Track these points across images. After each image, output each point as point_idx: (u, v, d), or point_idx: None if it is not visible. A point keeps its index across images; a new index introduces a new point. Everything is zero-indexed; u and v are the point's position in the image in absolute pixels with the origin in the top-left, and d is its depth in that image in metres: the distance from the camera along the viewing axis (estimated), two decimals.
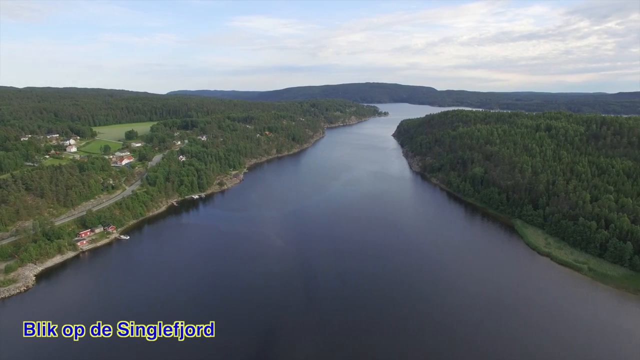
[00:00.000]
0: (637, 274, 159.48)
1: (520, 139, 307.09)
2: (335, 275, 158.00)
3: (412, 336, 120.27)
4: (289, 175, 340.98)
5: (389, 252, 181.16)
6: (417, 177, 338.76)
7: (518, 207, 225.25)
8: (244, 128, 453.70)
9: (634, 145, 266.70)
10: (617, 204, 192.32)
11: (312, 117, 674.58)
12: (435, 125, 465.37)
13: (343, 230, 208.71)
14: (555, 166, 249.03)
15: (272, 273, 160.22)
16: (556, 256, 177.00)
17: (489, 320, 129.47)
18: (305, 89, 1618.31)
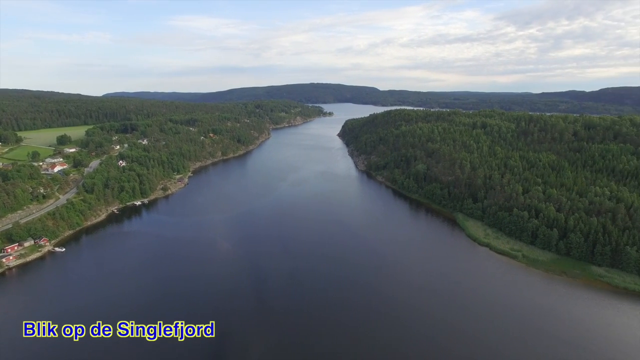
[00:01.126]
0: (562, 257, 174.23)
1: (459, 137, 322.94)
2: (285, 276, 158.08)
3: (364, 331, 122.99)
4: (235, 178, 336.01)
5: (338, 250, 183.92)
6: (363, 175, 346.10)
7: (459, 201, 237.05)
8: (187, 131, 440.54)
9: (557, 140, 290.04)
10: (545, 194, 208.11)
11: (257, 118, 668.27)
12: (379, 124, 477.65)
13: (292, 230, 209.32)
14: (491, 161, 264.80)
15: (221, 277, 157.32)
16: (494, 246, 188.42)
17: (436, 310, 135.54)
18: (249, 90, 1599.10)
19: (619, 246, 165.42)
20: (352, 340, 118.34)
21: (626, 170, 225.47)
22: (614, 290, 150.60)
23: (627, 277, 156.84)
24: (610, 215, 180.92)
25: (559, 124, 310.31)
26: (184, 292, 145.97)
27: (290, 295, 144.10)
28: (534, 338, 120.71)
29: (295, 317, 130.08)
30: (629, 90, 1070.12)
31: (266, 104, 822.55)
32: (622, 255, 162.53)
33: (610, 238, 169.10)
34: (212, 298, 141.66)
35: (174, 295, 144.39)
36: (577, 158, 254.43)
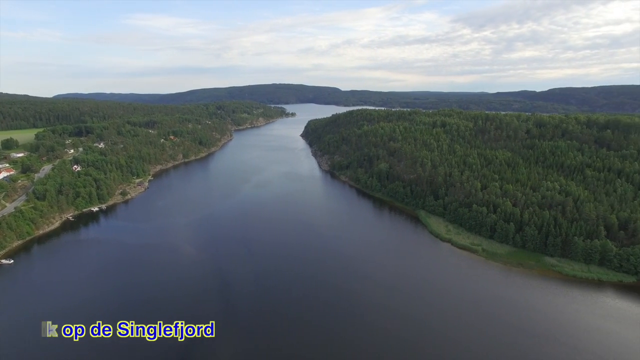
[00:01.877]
0: (518, 250, 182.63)
1: (420, 135, 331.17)
2: (252, 278, 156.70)
3: (332, 329, 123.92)
4: (198, 180, 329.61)
5: (304, 251, 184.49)
6: (326, 175, 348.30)
7: (421, 198, 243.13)
8: (146, 133, 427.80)
9: (511, 138, 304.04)
10: (502, 190, 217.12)
11: (219, 119, 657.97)
12: (341, 124, 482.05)
13: (257, 232, 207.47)
14: (450, 159, 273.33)
15: (185, 282, 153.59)
16: (456, 241, 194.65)
17: (402, 305, 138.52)
18: (210, 90, 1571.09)
19: (568, 237, 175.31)
20: (321, 340, 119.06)
21: (573, 165, 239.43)
22: (565, 278, 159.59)
23: (576, 266, 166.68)
24: (560, 208, 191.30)
25: (513, 123, 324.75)
26: (146, 299, 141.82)
27: (257, 297, 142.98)
28: (495, 328, 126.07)
29: (262, 319, 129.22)
30: (574, 90, 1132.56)
31: (228, 105, 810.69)
32: (571, 245, 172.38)
33: (561, 229, 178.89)
34: (176, 303, 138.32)
35: (135, 302, 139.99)
36: (530, 155, 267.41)
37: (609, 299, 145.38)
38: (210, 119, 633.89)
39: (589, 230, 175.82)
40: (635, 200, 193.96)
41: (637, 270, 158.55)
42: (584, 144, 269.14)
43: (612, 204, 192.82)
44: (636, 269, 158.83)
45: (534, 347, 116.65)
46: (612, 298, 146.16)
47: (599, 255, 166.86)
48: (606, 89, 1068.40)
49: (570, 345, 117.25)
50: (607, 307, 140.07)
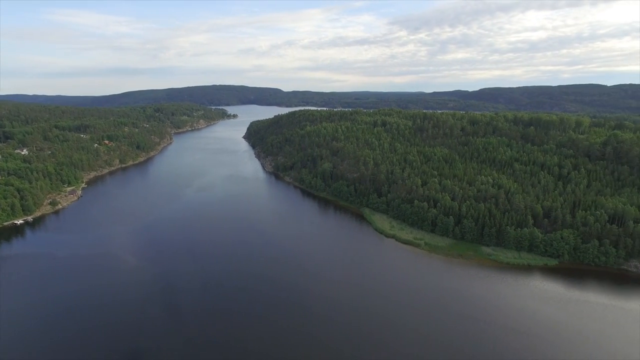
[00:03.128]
0: (458, 242, 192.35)
1: (362, 135, 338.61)
2: (199, 286, 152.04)
3: (284, 329, 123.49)
4: (137, 186, 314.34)
5: (252, 254, 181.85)
6: (271, 176, 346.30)
7: (365, 196, 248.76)
8: (77, 138, 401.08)
9: (448, 135, 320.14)
10: (441, 185, 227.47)
11: (158, 122, 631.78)
12: (284, 125, 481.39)
13: (202, 238, 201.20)
14: (392, 157, 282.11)
15: (125, 295, 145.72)
16: (399, 236, 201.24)
17: (351, 299, 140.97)
18: (147, 92, 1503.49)
19: (502, 227, 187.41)
20: (273, 341, 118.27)
21: (503, 160, 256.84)
22: (500, 265, 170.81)
23: (509, 253, 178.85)
24: (494, 201, 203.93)
25: (449, 121, 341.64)
26: (82, 318, 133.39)
27: (205, 307, 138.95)
28: (441, 316, 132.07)
29: (211, 329, 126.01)
30: (502, 90, 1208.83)
31: (167, 108, 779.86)
32: (504, 235, 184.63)
33: (495, 220, 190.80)
34: (119, 315, 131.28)
35: (64, 322, 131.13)
36: (466, 151, 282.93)
37: (537, 282, 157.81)
38: (148, 122, 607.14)
39: (519, 219, 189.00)
40: (555, 191, 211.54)
41: (559, 253, 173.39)
42: (512, 140, 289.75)
43: (537, 194, 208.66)
44: (558, 253, 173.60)
45: (476, 330, 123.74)
46: (539, 280, 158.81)
47: (528, 242, 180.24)
48: (529, 89, 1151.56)
49: (506, 326, 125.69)
50: (535, 289, 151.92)
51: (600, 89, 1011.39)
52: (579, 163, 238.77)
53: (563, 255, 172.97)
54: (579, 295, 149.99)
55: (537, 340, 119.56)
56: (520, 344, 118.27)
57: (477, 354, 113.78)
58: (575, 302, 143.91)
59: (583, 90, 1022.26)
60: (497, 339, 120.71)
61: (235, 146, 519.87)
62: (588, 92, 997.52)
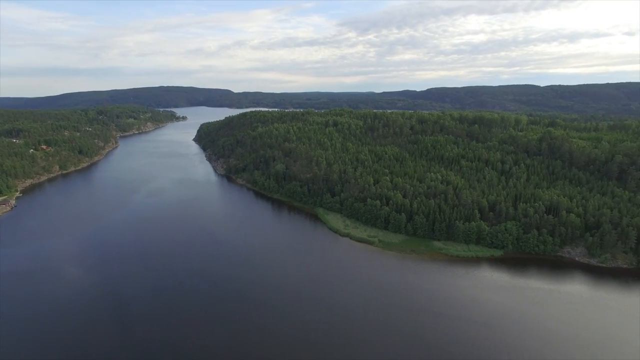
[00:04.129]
0: (411, 238, 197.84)
1: (314, 135, 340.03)
2: (150, 296, 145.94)
3: (247, 329, 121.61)
4: (80, 194, 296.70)
5: (205, 259, 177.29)
6: (223, 179, 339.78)
7: (318, 196, 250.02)
8: (9, 143, 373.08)
9: (398, 134, 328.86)
10: (392, 183, 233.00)
11: (102, 126, 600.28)
12: (235, 126, 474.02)
13: (153, 244, 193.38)
14: (344, 156, 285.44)
15: (72, 310, 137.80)
16: (354, 235, 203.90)
17: (310, 299, 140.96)
18: (89, 94, 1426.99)
19: (451, 222, 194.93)
20: (231, 340, 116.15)
21: (450, 157, 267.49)
22: (451, 259, 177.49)
23: (458, 247, 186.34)
24: (443, 196, 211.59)
25: (398, 120, 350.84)
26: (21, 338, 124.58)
27: (156, 317, 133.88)
28: (398, 310, 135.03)
29: (164, 342, 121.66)
30: (447, 90, 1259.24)
31: (111, 110, 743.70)
32: (454, 229, 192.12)
33: (444, 215, 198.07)
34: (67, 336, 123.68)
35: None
36: (415, 149, 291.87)
37: (485, 272, 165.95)
38: (91, 125, 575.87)
39: (466, 214, 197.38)
40: (499, 185, 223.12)
41: (504, 244, 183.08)
42: (458, 138, 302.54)
43: (482, 189, 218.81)
44: (503, 244, 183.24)
45: (431, 322, 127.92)
46: (487, 271, 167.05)
47: (475, 235, 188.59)
48: (472, 89, 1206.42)
49: (460, 316, 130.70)
50: (484, 279, 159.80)
51: (535, 89, 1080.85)
52: (519, 158, 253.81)
53: (507, 246, 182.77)
54: (522, 282, 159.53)
55: (488, 327, 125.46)
56: (474, 331, 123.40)
57: (434, 344, 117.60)
58: (520, 289, 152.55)
59: (520, 90, 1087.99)
60: (452, 328, 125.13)
61: (186, 149, 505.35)
62: (525, 92, 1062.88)
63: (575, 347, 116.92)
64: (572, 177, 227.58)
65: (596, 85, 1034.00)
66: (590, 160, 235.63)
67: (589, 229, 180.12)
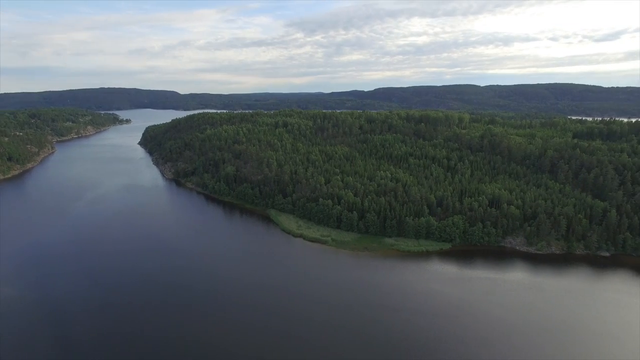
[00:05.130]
0: (363, 235, 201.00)
1: (264, 136, 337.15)
2: (97, 315, 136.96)
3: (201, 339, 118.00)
4: (11, 204, 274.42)
5: (157, 269, 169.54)
6: (171, 184, 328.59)
7: (270, 198, 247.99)
8: None
9: (347, 134, 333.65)
10: (343, 182, 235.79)
11: (35, 130, 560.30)
12: (182, 129, 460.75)
13: (99, 257, 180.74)
14: (295, 157, 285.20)
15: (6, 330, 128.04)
16: (307, 235, 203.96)
17: (266, 301, 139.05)
18: (18, 96, 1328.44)
19: (401, 218, 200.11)
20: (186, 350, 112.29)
21: (399, 155, 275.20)
22: (402, 254, 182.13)
23: (409, 242, 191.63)
24: (393, 194, 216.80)
25: (347, 120, 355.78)
26: None
27: (105, 333, 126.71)
28: (354, 308, 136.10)
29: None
30: (394, 90, 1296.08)
31: (45, 113, 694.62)
32: (404, 225, 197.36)
33: (395, 212, 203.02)
34: None
35: None
36: (365, 148, 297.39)
37: (435, 265, 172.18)
38: (22, 129, 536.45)
39: (416, 210, 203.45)
40: (445, 181, 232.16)
41: (452, 238, 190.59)
42: (406, 136, 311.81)
43: (430, 185, 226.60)
44: (450, 237, 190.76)
45: (387, 317, 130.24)
46: (437, 264, 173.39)
47: (425, 230, 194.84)
48: (418, 89, 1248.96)
49: (414, 310, 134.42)
50: (434, 272, 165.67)
51: (476, 89, 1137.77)
52: (463, 155, 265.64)
53: (455, 239, 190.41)
54: (470, 272, 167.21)
55: (442, 319, 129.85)
56: (427, 324, 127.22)
57: (390, 339, 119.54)
58: (468, 279, 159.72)
59: (462, 89, 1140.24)
60: (407, 322, 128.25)
61: (131, 153, 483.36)
62: (466, 91, 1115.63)
63: (518, 332, 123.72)
64: (511, 171, 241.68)
65: (529, 86, 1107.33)
66: (526, 155, 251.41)
67: (527, 220, 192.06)
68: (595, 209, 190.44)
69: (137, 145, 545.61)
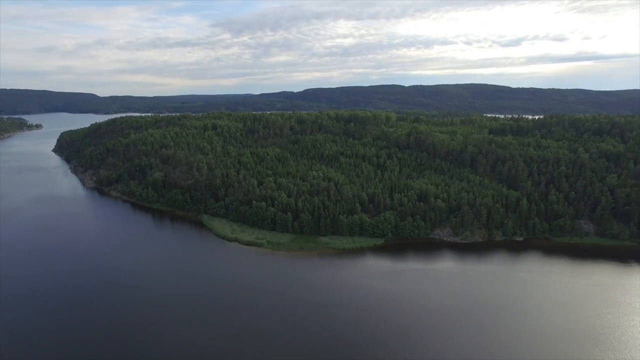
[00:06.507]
0: (298, 236, 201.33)
1: (193, 140, 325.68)
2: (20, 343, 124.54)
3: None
4: None
5: (81, 284, 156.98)
6: (93, 192, 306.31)
7: (202, 203, 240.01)
8: None
9: (278, 135, 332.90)
10: (276, 184, 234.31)
11: None
12: (104, 134, 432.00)
13: (9, 281, 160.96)
14: (226, 160, 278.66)
15: None
16: (242, 239, 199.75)
17: (201, 310, 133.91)
18: None
19: (335, 216, 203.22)
20: None
21: (330, 154, 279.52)
22: (338, 252, 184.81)
23: (344, 239, 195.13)
24: (326, 193, 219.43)
25: (278, 121, 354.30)
26: None
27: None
28: (294, 307, 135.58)
29: None
30: (323, 90, 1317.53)
31: None
32: (338, 223, 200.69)
33: (329, 211, 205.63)
34: None
35: None
36: (296, 149, 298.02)
37: (370, 261, 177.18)
38: None
39: (349, 208, 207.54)
40: (376, 178, 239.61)
41: (384, 233, 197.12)
42: (336, 136, 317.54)
43: (361, 183, 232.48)
44: (383, 233, 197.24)
45: (327, 315, 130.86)
46: (371, 260, 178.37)
47: (358, 227, 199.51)
48: (345, 89, 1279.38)
49: (353, 306, 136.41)
50: (370, 268, 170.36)
51: (401, 89, 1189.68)
52: (391, 153, 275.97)
53: (387, 234, 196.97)
54: (402, 265, 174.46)
55: (380, 312, 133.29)
56: (367, 318, 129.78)
57: (330, 338, 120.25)
58: (401, 272, 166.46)
59: (388, 89, 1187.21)
60: (346, 319, 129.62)
61: (44, 162, 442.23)
62: (392, 91, 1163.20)
63: (448, 317, 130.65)
64: (436, 166, 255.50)
65: (449, 86, 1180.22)
66: (449, 151, 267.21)
67: (452, 212, 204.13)
68: (510, 199, 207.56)
69: (52, 152, 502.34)
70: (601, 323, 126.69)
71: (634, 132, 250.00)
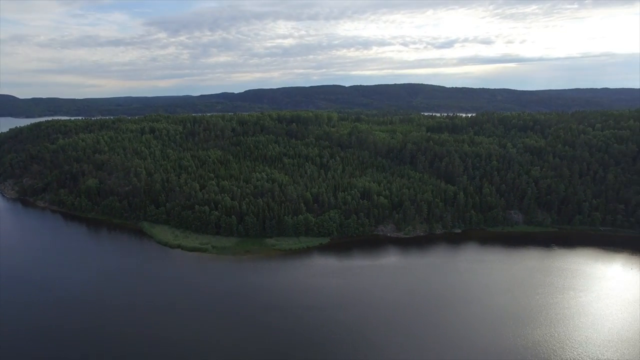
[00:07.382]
0: (243, 239, 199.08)
1: (129, 144, 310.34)
2: None
3: None
4: None
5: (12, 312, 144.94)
6: (16, 203, 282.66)
7: (141, 210, 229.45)
8: None
9: (220, 137, 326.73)
10: (219, 187, 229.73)
11: None
12: (27, 140, 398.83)
13: None
14: (165, 164, 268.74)
15: None
16: (185, 245, 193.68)
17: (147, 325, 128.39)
18: None
19: (280, 217, 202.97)
20: None
21: (273, 155, 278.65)
22: (284, 253, 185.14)
23: (290, 240, 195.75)
24: (270, 194, 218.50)
25: (219, 123, 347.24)
26: None
27: None
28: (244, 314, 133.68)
29: None
30: (264, 91, 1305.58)
31: None
32: (283, 224, 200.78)
33: (274, 213, 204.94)
34: None
35: None
36: (238, 151, 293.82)
37: (317, 260, 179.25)
38: None
39: (294, 208, 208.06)
40: (319, 178, 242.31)
41: (329, 232, 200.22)
42: (279, 137, 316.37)
43: (305, 183, 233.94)
44: (328, 232, 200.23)
45: (277, 316, 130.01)
46: (318, 259, 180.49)
47: (304, 227, 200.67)
48: (287, 90, 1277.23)
49: (302, 305, 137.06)
50: (317, 267, 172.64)
51: (342, 89, 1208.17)
52: (334, 152, 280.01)
53: (333, 233, 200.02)
54: (348, 262, 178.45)
55: (327, 311, 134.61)
56: (318, 317, 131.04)
57: (281, 338, 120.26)
58: (348, 269, 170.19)
59: (329, 90, 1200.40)
60: (298, 319, 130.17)
61: None
62: (333, 91, 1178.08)
63: (395, 310, 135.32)
64: (378, 164, 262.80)
65: (388, 85, 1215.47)
66: (390, 149, 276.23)
67: (395, 208, 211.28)
68: (448, 193, 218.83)
69: None
70: (531, 303, 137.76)
71: (552, 128, 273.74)
